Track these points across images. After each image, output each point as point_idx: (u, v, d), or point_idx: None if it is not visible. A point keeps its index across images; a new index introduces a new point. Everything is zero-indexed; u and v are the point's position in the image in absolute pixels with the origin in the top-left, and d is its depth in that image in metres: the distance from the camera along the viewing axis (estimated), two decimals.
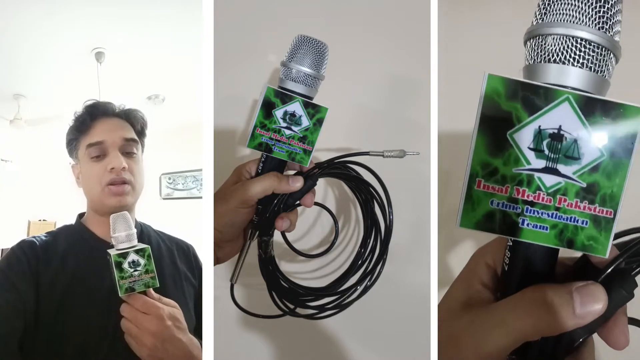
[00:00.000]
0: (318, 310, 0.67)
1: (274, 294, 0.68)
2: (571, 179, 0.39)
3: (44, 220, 4.05)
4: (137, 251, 0.64)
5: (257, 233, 0.67)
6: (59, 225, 0.85)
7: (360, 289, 0.67)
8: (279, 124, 0.63)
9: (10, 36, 2.06)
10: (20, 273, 0.70)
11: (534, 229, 0.40)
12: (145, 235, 0.84)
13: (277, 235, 0.68)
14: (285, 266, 0.86)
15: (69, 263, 0.74)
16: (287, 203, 0.65)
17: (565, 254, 0.43)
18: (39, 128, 3.08)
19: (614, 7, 0.39)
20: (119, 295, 0.63)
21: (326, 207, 0.74)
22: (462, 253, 0.88)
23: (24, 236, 0.78)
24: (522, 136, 0.39)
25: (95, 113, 0.80)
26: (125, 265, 0.63)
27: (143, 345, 0.61)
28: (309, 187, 0.65)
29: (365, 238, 0.70)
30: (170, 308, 0.65)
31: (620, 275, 0.41)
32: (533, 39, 0.42)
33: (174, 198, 3.78)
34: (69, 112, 0.85)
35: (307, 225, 0.89)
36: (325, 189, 0.88)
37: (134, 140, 0.81)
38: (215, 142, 0.74)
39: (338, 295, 0.68)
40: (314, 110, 0.63)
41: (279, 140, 0.63)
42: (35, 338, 0.68)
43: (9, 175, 3.91)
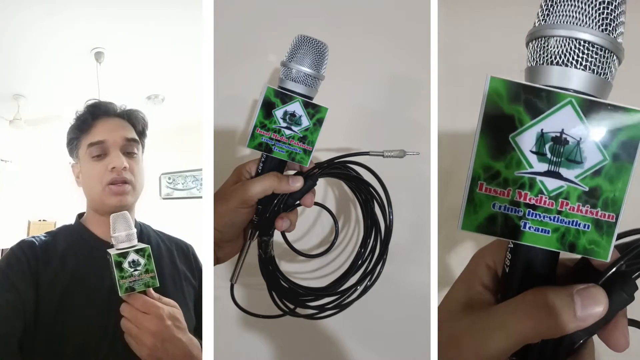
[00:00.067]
0: (318, 310, 0.67)
1: (274, 294, 0.68)
2: (573, 182, 0.39)
3: (43, 220, 4.05)
4: (137, 251, 0.64)
5: (257, 233, 0.67)
6: (58, 225, 0.85)
7: (360, 289, 0.67)
8: (279, 124, 0.63)
9: (10, 36, 2.06)
10: (20, 273, 0.70)
11: (536, 232, 0.40)
12: (144, 235, 0.84)
13: (277, 235, 0.68)
14: (285, 266, 0.85)
15: (68, 263, 0.74)
16: (287, 203, 0.65)
17: (566, 255, 0.42)
18: (39, 128, 3.08)
19: (617, 9, 0.39)
20: (119, 294, 0.63)
21: (326, 207, 0.74)
22: (462, 253, 0.88)
23: (23, 236, 0.78)
24: (525, 139, 0.39)
25: (97, 113, 0.80)
26: (125, 265, 0.63)
27: (143, 345, 0.61)
28: (309, 187, 0.65)
29: (365, 238, 0.70)
30: (170, 308, 0.65)
31: (621, 277, 0.41)
32: (535, 41, 0.41)
33: (173, 198, 3.78)
34: (69, 112, 0.85)
35: (307, 225, 0.89)
36: (325, 189, 0.88)
37: (134, 141, 0.81)
38: (215, 142, 0.74)
39: (338, 295, 0.68)
40: (314, 110, 0.63)
41: (279, 140, 0.63)
42: (35, 338, 0.68)
43: (9, 176, 3.91)
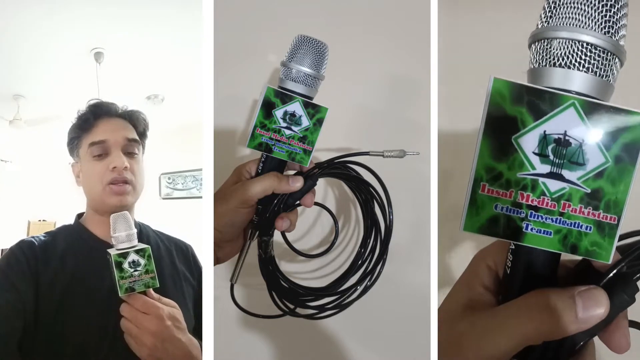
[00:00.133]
0: (318, 310, 0.67)
1: (274, 294, 0.68)
2: (576, 184, 0.39)
3: (43, 220, 4.05)
4: (138, 251, 0.64)
5: (257, 233, 0.67)
6: (58, 225, 0.85)
7: (360, 289, 0.67)
8: (279, 124, 0.63)
9: (10, 36, 2.06)
10: (20, 273, 0.70)
11: (538, 233, 0.40)
12: (144, 235, 0.84)
13: (277, 235, 0.68)
14: (285, 266, 0.85)
15: (68, 263, 0.74)
16: (287, 203, 0.65)
17: (567, 256, 0.42)
18: (39, 128, 3.08)
19: (620, 11, 0.39)
20: (119, 295, 0.63)
21: (326, 207, 0.74)
22: (462, 253, 0.88)
23: (23, 236, 0.78)
24: (527, 141, 0.39)
25: (99, 112, 0.80)
26: (125, 265, 0.63)
27: (143, 345, 0.61)
28: (309, 187, 0.65)
29: (365, 238, 0.70)
30: (170, 308, 0.65)
31: (622, 279, 0.41)
32: (538, 42, 0.41)
33: (173, 198, 3.78)
34: (69, 112, 0.85)
35: (307, 225, 0.88)
36: (325, 189, 0.88)
37: (135, 141, 0.81)
38: (215, 142, 0.74)
39: (338, 295, 0.68)
40: (314, 110, 0.63)
41: (279, 140, 0.63)
42: (34, 338, 0.68)
43: (9, 176, 3.91)
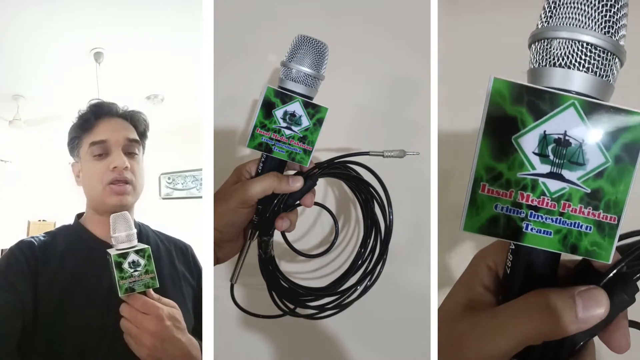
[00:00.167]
0: (318, 310, 0.67)
1: (274, 294, 0.68)
2: (576, 184, 0.39)
3: (43, 220, 4.05)
4: (137, 251, 0.64)
5: (257, 233, 0.67)
6: (58, 225, 0.85)
7: (360, 289, 0.67)
8: (279, 124, 0.63)
9: (10, 37, 2.06)
10: (19, 273, 0.70)
11: (538, 233, 0.40)
12: (143, 235, 0.84)
13: (277, 235, 0.68)
14: (285, 266, 0.85)
15: (67, 263, 0.74)
16: (287, 203, 0.65)
17: (567, 256, 0.42)
18: (39, 128, 3.08)
19: (620, 12, 0.39)
20: (119, 295, 0.62)
21: (326, 207, 0.74)
22: (462, 253, 0.88)
23: (23, 236, 0.78)
24: (527, 141, 0.39)
25: (100, 112, 0.80)
26: (125, 266, 0.63)
27: (142, 345, 0.61)
28: (309, 187, 0.65)
29: (365, 238, 0.70)
30: (170, 308, 0.65)
31: (622, 279, 0.41)
32: (538, 42, 0.41)
33: (173, 198, 3.78)
34: (68, 113, 0.85)
35: (307, 225, 0.88)
36: (325, 189, 0.88)
37: (136, 141, 0.81)
38: (215, 142, 0.74)
39: (338, 295, 0.68)
40: (314, 110, 0.63)
41: (279, 140, 0.63)
42: (34, 338, 0.68)
43: (9, 176, 3.91)
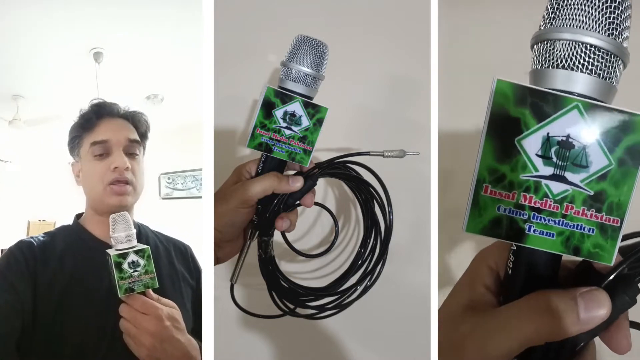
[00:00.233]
0: (318, 310, 0.67)
1: (274, 294, 0.68)
2: (579, 186, 0.39)
3: (43, 220, 4.05)
4: (137, 252, 0.64)
5: (257, 233, 0.67)
6: (58, 225, 0.85)
7: (360, 289, 0.67)
8: (279, 124, 0.63)
9: (9, 37, 2.06)
10: (19, 273, 0.70)
11: (540, 235, 0.40)
12: (143, 235, 0.84)
13: (277, 235, 0.68)
14: (285, 266, 0.85)
15: (66, 263, 0.74)
16: (287, 203, 0.65)
17: (568, 257, 0.42)
18: (38, 128, 3.08)
19: (624, 13, 0.39)
20: (119, 295, 0.62)
21: (326, 207, 0.74)
22: (462, 253, 0.88)
23: (23, 236, 0.78)
24: (530, 143, 0.39)
25: (101, 112, 0.80)
26: (124, 266, 0.63)
27: (142, 346, 0.61)
28: (309, 187, 0.65)
29: (365, 238, 0.70)
30: (169, 308, 0.65)
31: (624, 281, 0.41)
32: (541, 44, 0.41)
33: (173, 198, 3.78)
34: (68, 113, 0.85)
35: (307, 225, 0.88)
36: (325, 189, 0.88)
37: (137, 142, 0.81)
38: (215, 142, 0.74)
39: (338, 295, 0.68)
40: (314, 110, 0.63)
41: (279, 140, 0.63)
42: (33, 338, 0.68)
43: (9, 176, 3.91)
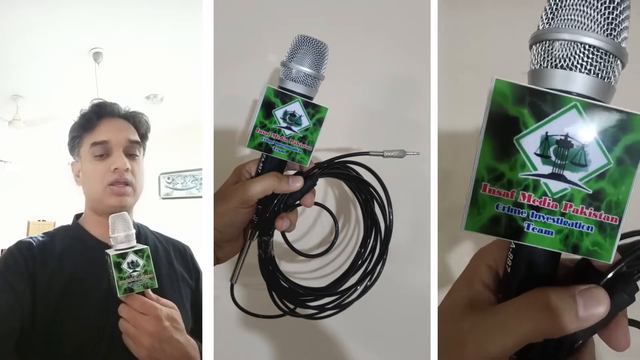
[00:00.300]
0: (318, 310, 0.67)
1: (274, 294, 0.68)
2: (577, 185, 0.39)
3: (43, 220, 4.05)
4: (136, 252, 0.64)
5: (257, 233, 0.67)
6: (58, 225, 0.85)
7: (360, 289, 0.67)
8: (279, 124, 0.63)
9: (8, 37, 2.06)
10: (18, 274, 0.70)
11: (539, 233, 0.40)
12: (142, 236, 0.84)
13: (277, 235, 0.68)
14: (285, 266, 0.85)
15: (66, 264, 0.74)
16: (287, 203, 0.65)
17: (566, 255, 0.43)
18: (38, 128, 3.07)
19: (622, 14, 0.39)
20: (118, 295, 0.62)
21: (326, 207, 0.74)
22: (462, 253, 0.88)
23: (23, 236, 0.77)
24: (529, 142, 0.39)
25: (102, 112, 0.80)
26: (124, 266, 0.63)
27: (141, 346, 0.61)
28: (309, 187, 0.65)
29: (365, 238, 0.70)
30: (168, 309, 0.65)
31: (622, 279, 0.41)
32: (539, 44, 0.41)
33: (173, 198, 3.78)
34: (68, 113, 0.85)
35: (307, 225, 0.88)
36: (325, 189, 0.88)
37: (137, 143, 0.81)
38: (215, 142, 0.74)
39: (338, 295, 0.68)
40: (314, 110, 0.63)
41: (279, 140, 0.63)
42: (32, 339, 0.67)
43: (8, 176, 3.90)
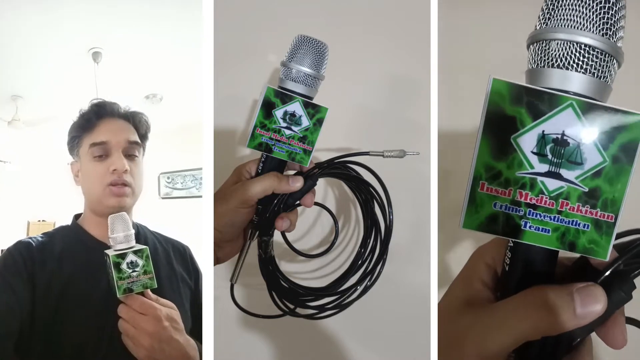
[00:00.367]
0: (318, 310, 0.67)
1: (274, 294, 0.68)
2: (573, 183, 0.40)
3: (43, 220, 4.05)
4: (136, 252, 0.64)
5: (257, 233, 0.67)
6: (58, 225, 0.85)
7: (360, 289, 0.67)
8: (279, 124, 0.63)
9: (7, 37, 2.06)
10: (17, 274, 0.70)
11: (537, 231, 0.41)
12: (141, 236, 0.84)
13: (277, 235, 0.68)
14: (285, 266, 0.85)
15: (65, 264, 0.74)
16: (287, 203, 0.65)
17: (564, 253, 0.43)
18: (38, 129, 3.08)
19: (618, 14, 0.40)
20: (117, 296, 0.62)
21: (326, 207, 0.74)
22: (462, 253, 0.88)
23: (23, 237, 0.77)
24: (526, 140, 0.40)
25: (102, 112, 0.80)
26: (123, 266, 0.63)
27: (140, 346, 0.61)
28: (309, 187, 0.65)
29: (365, 238, 0.70)
30: (168, 309, 0.65)
31: (619, 277, 0.41)
32: (536, 44, 0.42)
33: (172, 197, 3.78)
34: (67, 113, 0.84)
35: (307, 225, 0.88)
36: (325, 189, 0.88)
37: (137, 143, 0.81)
38: (215, 142, 0.74)
39: (338, 295, 0.68)
40: (314, 110, 0.63)
41: (279, 140, 0.63)
42: (32, 339, 0.67)
43: (8, 176, 3.90)
